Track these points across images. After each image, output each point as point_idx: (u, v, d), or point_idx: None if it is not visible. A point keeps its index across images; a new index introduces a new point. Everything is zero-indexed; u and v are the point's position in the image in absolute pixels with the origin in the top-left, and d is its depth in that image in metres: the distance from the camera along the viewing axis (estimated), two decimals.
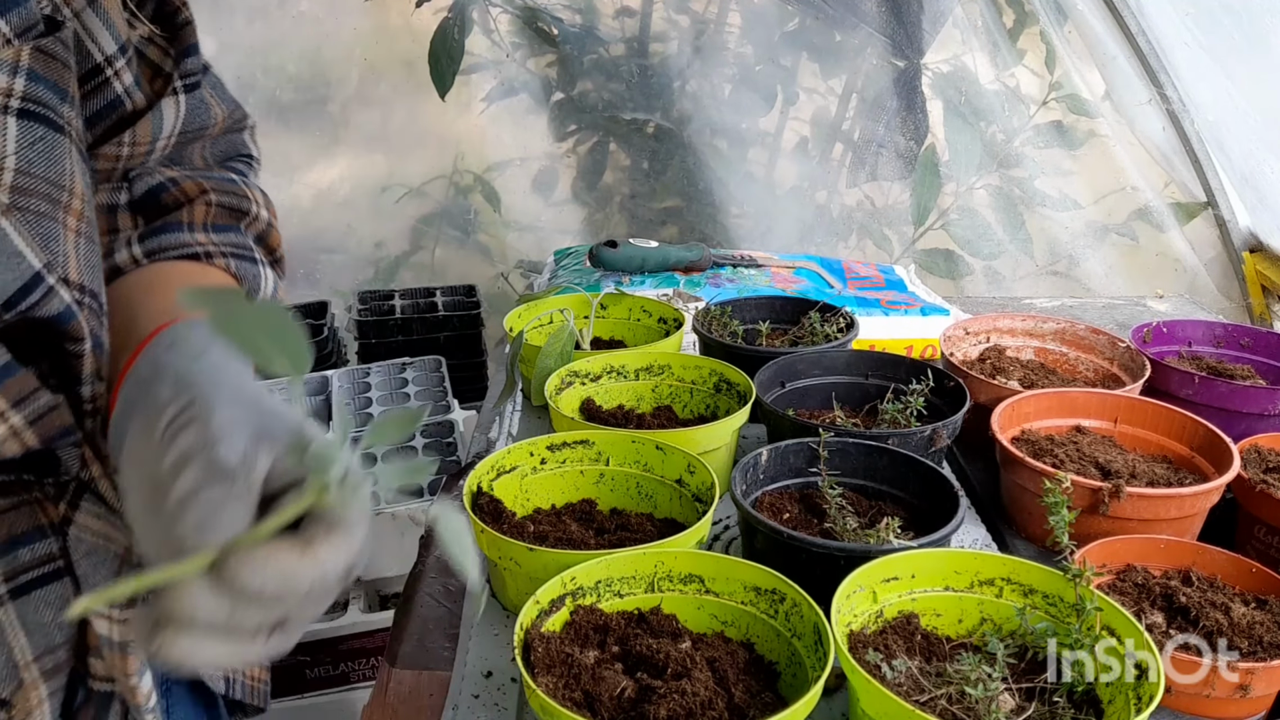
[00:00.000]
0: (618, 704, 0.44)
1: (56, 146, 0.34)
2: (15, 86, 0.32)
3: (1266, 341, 0.84)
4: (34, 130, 0.33)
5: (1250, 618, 0.51)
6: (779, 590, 0.49)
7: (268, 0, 1.32)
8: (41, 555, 0.35)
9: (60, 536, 0.35)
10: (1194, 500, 0.60)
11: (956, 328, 0.87)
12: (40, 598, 0.34)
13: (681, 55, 1.39)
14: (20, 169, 0.32)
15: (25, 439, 0.33)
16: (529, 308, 0.90)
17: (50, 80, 0.34)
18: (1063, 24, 1.26)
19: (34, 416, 0.33)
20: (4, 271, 0.32)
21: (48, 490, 0.36)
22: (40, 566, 0.34)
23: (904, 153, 1.38)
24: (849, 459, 0.63)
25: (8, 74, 0.32)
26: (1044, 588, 0.50)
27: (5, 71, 0.32)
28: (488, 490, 0.60)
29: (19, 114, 0.32)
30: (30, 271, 0.33)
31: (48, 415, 0.34)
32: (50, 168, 0.34)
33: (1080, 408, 0.72)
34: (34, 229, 0.33)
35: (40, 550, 0.35)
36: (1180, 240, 1.29)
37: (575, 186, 1.46)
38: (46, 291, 0.33)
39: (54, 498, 0.36)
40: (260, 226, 0.48)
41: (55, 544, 0.35)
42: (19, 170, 0.32)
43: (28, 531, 0.34)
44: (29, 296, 0.33)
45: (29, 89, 0.33)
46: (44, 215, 0.34)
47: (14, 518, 0.34)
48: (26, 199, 0.33)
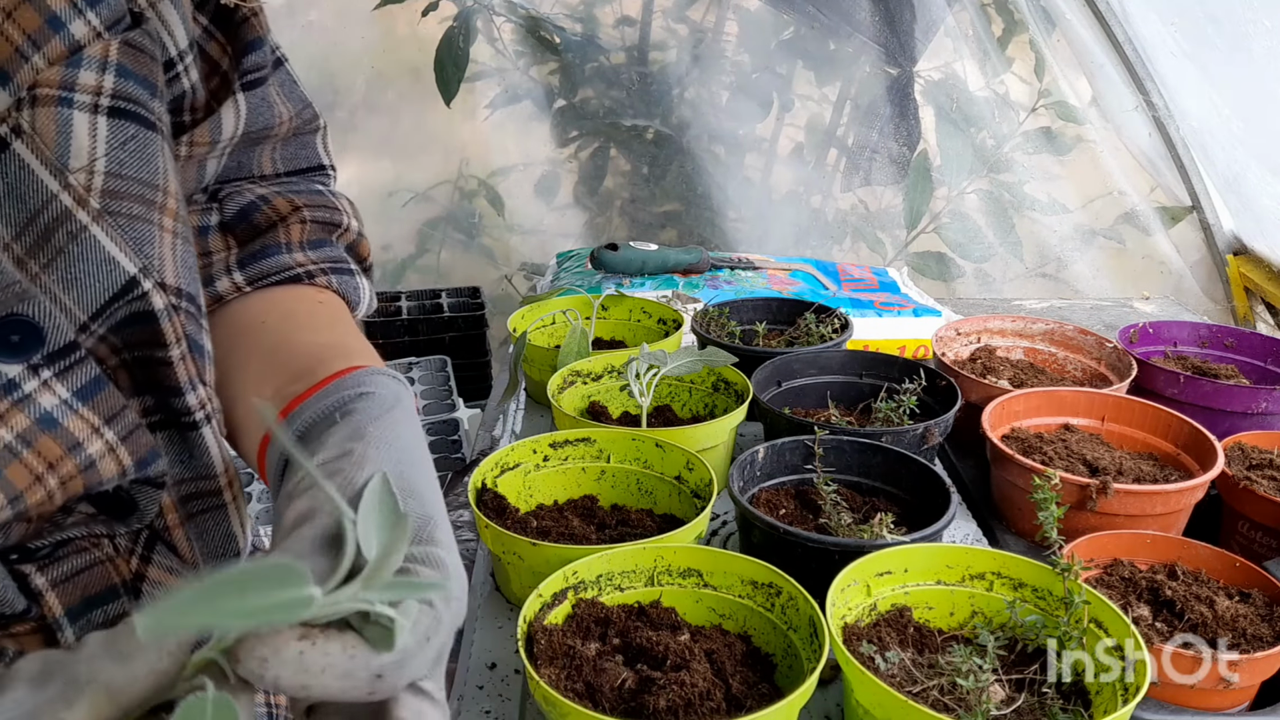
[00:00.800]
0: (618, 695, 0.45)
1: (149, 145, 0.32)
2: (105, 84, 0.30)
3: (1250, 342, 0.85)
4: (125, 129, 0.31)
5: (1234, 611, 0.52)
6: (775, 584, 0.50)
7: (277, 9, 1.33)
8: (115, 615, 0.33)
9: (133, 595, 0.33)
10: (1179, 496, 0.61)
11: (948, 328, 0.88)
12: None
13: (680, 63, 1.41)
14: (111, 171, 0.31)
15: (120, 457, 0.31)
16: (532, 309, 0.91)
17: (140, 75, 0.32)
18: (1051, 32, 1.28)
19: (124, 434, 0.32)
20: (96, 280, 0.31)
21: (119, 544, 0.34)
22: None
23: (897, 158, 1.40)
24: (843, 456, 0.64)
25: (97, 71, 0.30)
26: (1033, 582, 0.51)
27: (94, 68, 0.30)
28: (492, 486, 0.61)
29: (110, 112, 0.31)
30: (125, 277, 0.31)
31: (135, 433, 0.32)
32: (143, 167, 0.32)
33: (1069, 406, 0.74)
34: (127, 233, 0.31)
35: (113, 611, 0.33)
36: (1166, 243, 1.32)
37: (577, 191, 1.47)
38: (143, 295, 0.32)
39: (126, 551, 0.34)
40: (351, 236, 0.47)
41: (128, 603, 0.33)
42: (110, 173, 0.31)
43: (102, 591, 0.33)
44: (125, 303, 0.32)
45: (119, 85, 0.31)
46: (138, 218, 0.32)
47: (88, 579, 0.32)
48: (119, 202, 0.31)
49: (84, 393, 0.31)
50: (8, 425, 0.29)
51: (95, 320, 0.32)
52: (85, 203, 0.30)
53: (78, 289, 0.31)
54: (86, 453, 0.31)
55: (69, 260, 0.30)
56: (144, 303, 0.32)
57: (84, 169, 0.30)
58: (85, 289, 0.31)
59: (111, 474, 0.32)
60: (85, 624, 0.32)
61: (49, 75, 0.30)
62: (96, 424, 0.31)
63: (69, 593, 0.32)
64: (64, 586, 0.32)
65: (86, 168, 0.30)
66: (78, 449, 0.30)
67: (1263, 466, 0.65)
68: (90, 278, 0.31)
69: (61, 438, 0.30)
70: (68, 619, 0.32)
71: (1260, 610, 0.53)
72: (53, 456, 0.30)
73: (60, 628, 0.32)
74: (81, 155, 0.30)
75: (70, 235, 0.30)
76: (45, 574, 0.32)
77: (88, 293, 0.31)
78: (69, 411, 0.30)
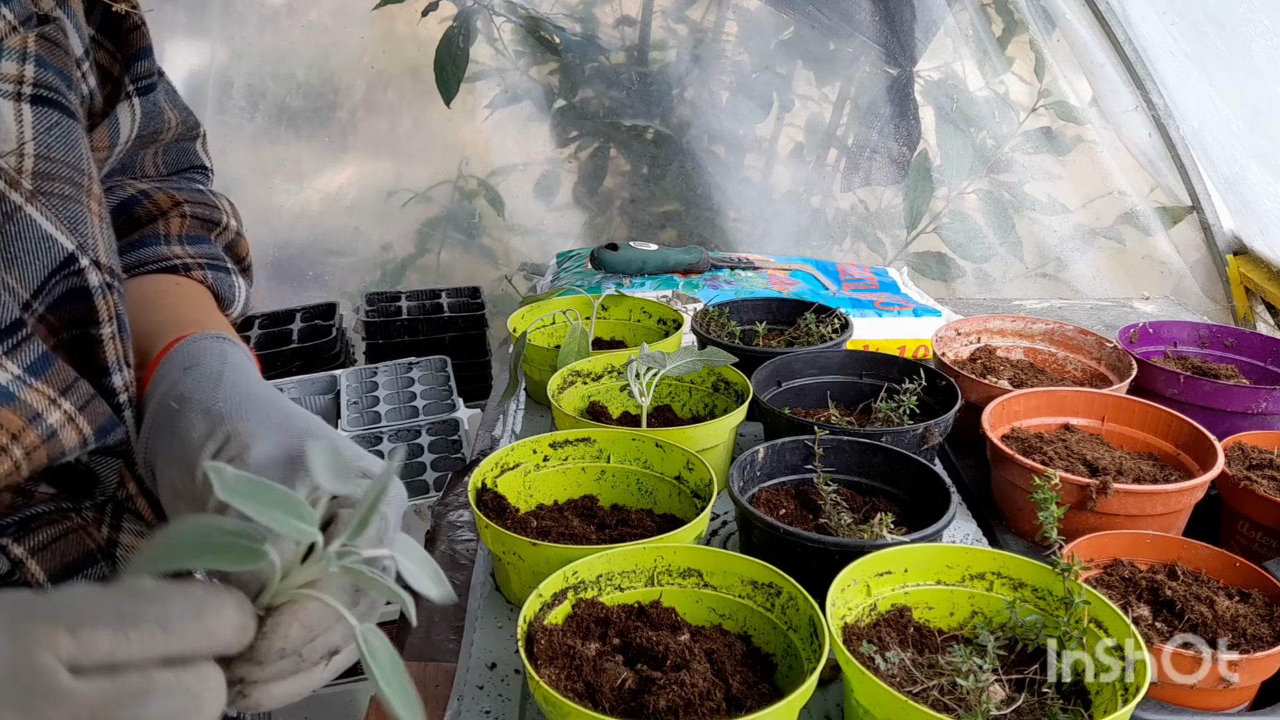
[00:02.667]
0: (618, 695, 0.45)
1: (72, 131, 0.33)
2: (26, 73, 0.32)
3: (1250, 342, 0.85)
4: (50, 115, 0.32)
5: (1234, 611, 0.52)
6: (775, 584, 0.50)
7: (278, 10, 1.34)
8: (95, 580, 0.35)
9: (109, 560, 0.35)
10: (1179, 496, 0.61)
11: (948, 328, 0.88)
12: None
13: (680, 63, 1.41)
14: (40, 154, 0.32)
15: (80, 426, 0.33)
16: (532, 309, 0.91)
17: (57, 67, 0.33)
18: (1051, 32, 1.28)
19: (81, 404, 0.33)
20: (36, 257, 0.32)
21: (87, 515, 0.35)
22: None
23: (897, 158, 1.40)
24: (843, 456, 0.64)
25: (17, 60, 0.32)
26: (1033, 582, 0.51)
27: (14, 58, 0.31)
28: (492, 486, 0.61)
29: (32, 100, 0.32)
30: (64, 253, 0.32)
31: (91, 403, 0.34)
32: (69, 152, 0.33)
33: (1069, 406, 0.74)
34: (61, 213, 0.32)
35: (94, 575, 0.34)
36: (1166, 243, 1.32)
37: (577, 191, 1.47)
38: (79, 271, 0.33)
39: (95, 521, 0.36)
40: (229, 236, 0.48)
41: (106, 568, 0.35)
42: (39, 155, 0.32)
43: (79, 558, 0.34)
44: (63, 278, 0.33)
45: (40, 75, 0.32)
46: (69, 199, 0.33)
47: (64, 546, 0.34)
48: (51, 184, 0.32)
49: (35, 368, 0.32)
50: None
51: (36, 298, 0.32)
52: (18, 184, 0.31)
53: (19, 267, 0.31)
54: (47, 423, 0.32)
55: (8, 239, 0.31)
56: (80, 279, 0.33)
57: (14, 152, 0.31)
58: (25, 266, 0.32)
59: (73, 443, 0.33)
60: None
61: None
62: (53, 395, 0.32)
63: (49, 560, 0.33)
64: (43, 554, 0.33)
65: (16, 151, 0.31)
66: (38, 419, 0.31)
67: (1263, 466, 0.65)
68: (30, 255, 0.32)
69: (21, 410, 0.31)
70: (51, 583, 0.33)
71: (1260, 610, 0.53)
72: (14, 428, 0.31)
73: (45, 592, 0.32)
74: (10, 139, 0.31)
75: (6, 215, 0.31)
76: (22, 544, 0.33)
77: (28, 270, 0.32)
78: (24, 385, 0.31)
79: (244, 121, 1.36)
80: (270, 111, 1.35)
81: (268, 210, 1.41)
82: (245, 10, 1.33)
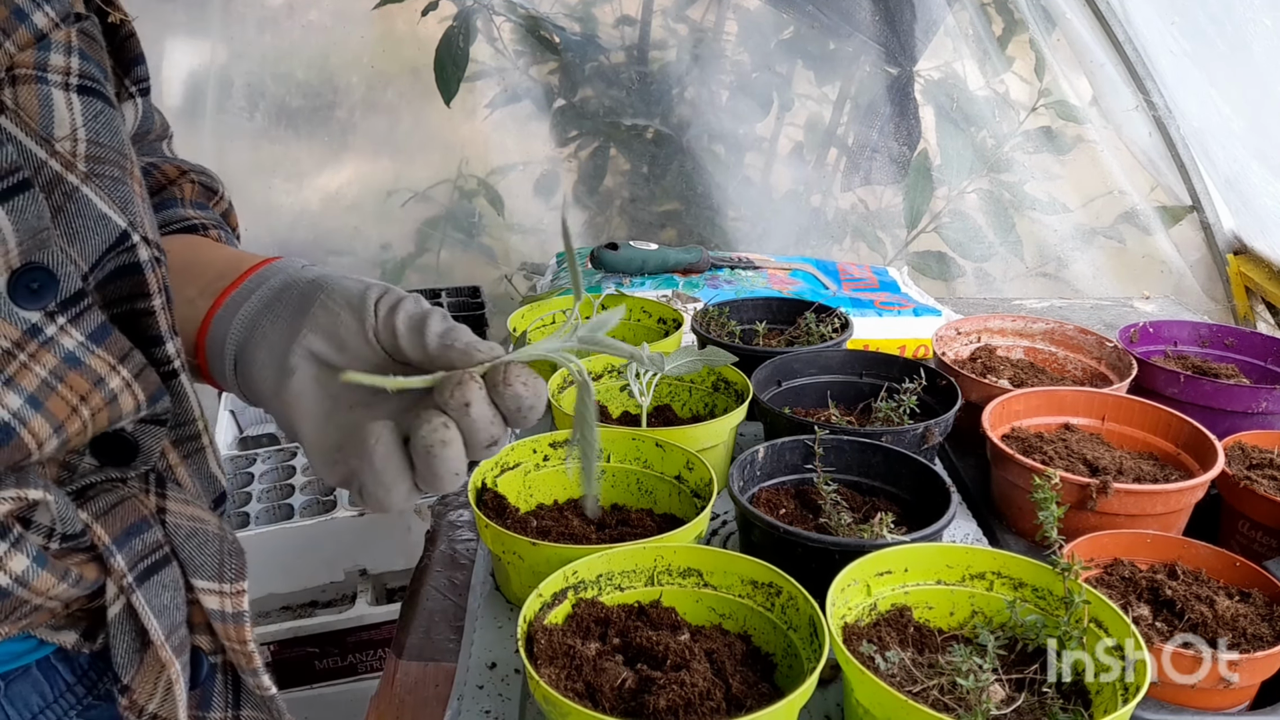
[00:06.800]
0: (618, 694, 0.45)
1: (114, 119, 0.36)
2: (72, 65, 0.34)
3: (1250, 341, 0.85)
4: (94, 104, 0.35)
5: (1234, 610, 0.52)
6: (775, 584, 0.50)
7: (277, 10, 1.34)
8: (151, 543, 0.37)
9: (161, 525, 0.38)
10: (1179, 496, 0.61)
11: (948, 328, 0.88)
12: (158, 582, 0.37)
13: (680, 63, 1.41)
14: (91, 139, 0.35)
15: (136, 393, 0.36)
16: (532, 308, 0.91)
17: (95, 60, 0.36)
18: (1051, 32, 1.28)
19: (136, 371, 0.36)
20: (94, 234, 0.34)
21: (134, 484, 0.38)
22: (153, 554, 0.37)
23: (897, 157, 1.40)
24: (843, 456, 0.64)
25: (64, 53, 0.34)
26: (1033, 581, 0.52)
27: (61, 51, 0.34)
28: (491, 486, 0.61)
29: (79, 90, 0.34)
30: (118, 231, 0.35)
31: (145, 371, 0.36)
32: (113, 138, 0.36)
33: (1069, 406, 0.74)
34: (112, 193, 0.35)
35: (149, 538, 0.37)
36: (1166, 243, 1.32)
37: (577, 190, 1.47)
38: (131, 248, 0.36)
39: (143, 490, 0.38)
40: (224, 205, 0.52)
41: (159, 532, 0.38)
42: (90, 140, 0.34)
43: (136, 523, 0.37)
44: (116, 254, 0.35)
45: (83, 67, 0.35)
46: (118, 180, 0.36)
47: (122, 511, 0.37)
48: (102, 166, 0.35)
49: (95, 336, 0.34)
50: (41, 363, 0.33)
51: (92, 271, 0.35)
52: (73, 167, 0.34)
53: (79, 242, 0.34)
54: (109, 387, 0.35)
55: (68, 217, 0.34)
56: (132, 254, 0.36)
57: (68, 137, 0.34)
58: (85, 242, 0.34)
59: (130, 408, 0.36)
60: (129, 551, 0.36)
61: (23, 58, 0.33)
62: (113, 362, 0.35)
63: (111, 524, 0.36)
64: (106, 519, 0.36)
65: (70, 136, 0.34)
66: (101, 384, 0.35)
67: (1263, 466, 0.65)
68: (89, 232, 0.34)
69: (86, 374, 0.34)
70: (115, 546, 0.36)
71: (1260, 610, 0.53)
72: (82, 390, 0.34)
73: (111, 554, 0.35)
74: (64, 125, 0.34)
75: (66, 195, 0.34)
76: (86, 509, 0.36)
77: (87, 245, 0.34)
78: (88, 352, 0.34)
79: (244, 121, 1.36)
80: (270, 111, 1.35)
81: (267, 209, 1.41)
82: (245, 10, 1.33)
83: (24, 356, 0.32)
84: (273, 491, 1.06)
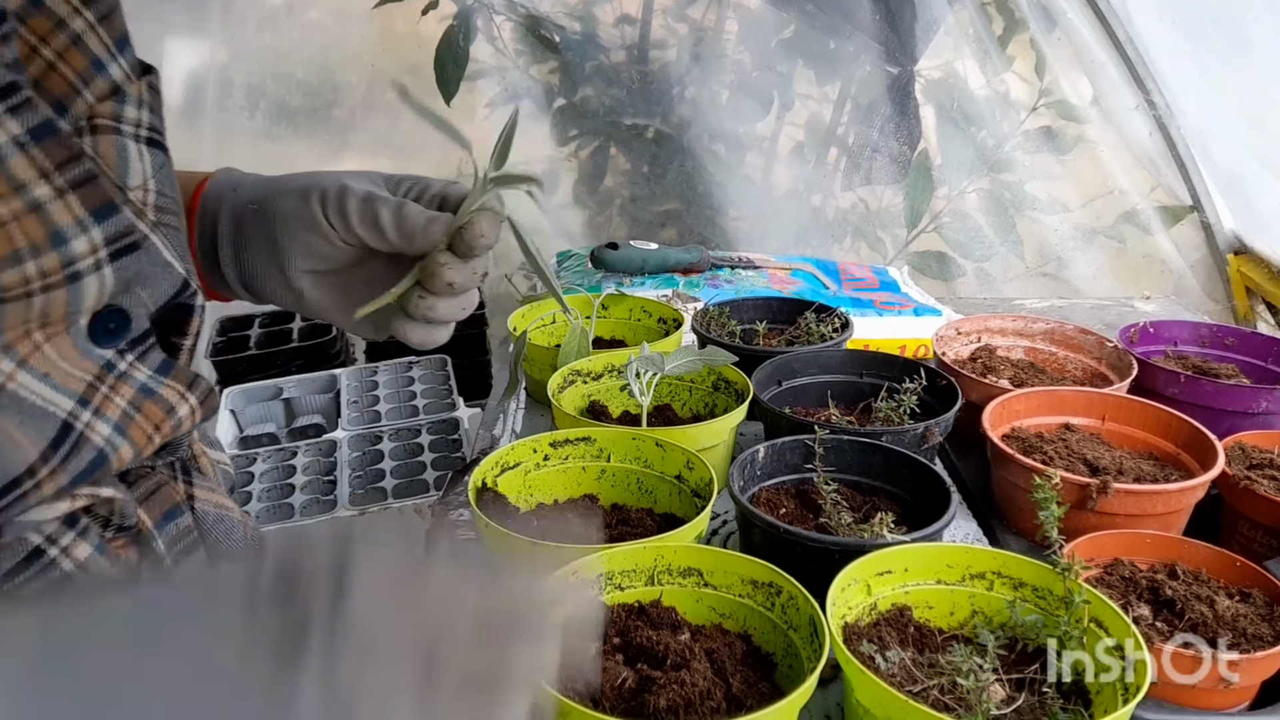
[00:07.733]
0: (619, 694, 0.45)
1: (172, 172, 0.39)
2: (143, 118, 0.37)
3: (1250, 342, 0.85)
4: (159, 156, 0.38)
5: (1234, 610, 0.52)
6: (776, 583, 0.50)
7: (277, 9, 1.34)
8: (184, 528, 0.40)
9: (191, 511, 0.41)
10: (1180, 496, 0.61)
11: (948, 328, 0.88)
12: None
13: (680, 62, 1.40)
14: (159, 190, 0.37)
15: (197, 416, 0.39)
16: (532, 308, 0.91)
17: (159, 114, 0.39)
18: (1051, 31, 1.28)
19: (202, 397, 0.39)
20: (162, 280, 0.37)
21: (164, 473, 0.41)
22: (185, 538, 0.40)
23: (897, 157, 1.40)
24: (844, 455, 0.64)
25: (136, 107, 0.37)
26: (1034, 581, 0.52)
27: (134, 105, 0.37)
28: (492, 486, 0.61)
29: (147, 142, 0.37)
30: (180, 279, 0.38)
31: (210, 396, 0.40)
32: (173, 189, 0.39)
33: (1069, 406, 0.74)
34: (174, 243, 0.38)
35: (183, 523, 0.40)
36: (1166, 243, 1.31)
37: (577, 190, 1.47)
38: (192, 294, 0.39)
39: (172, 478, 0.41)
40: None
41: (190, 518, 0.40)
42: (158, 191, 0.37)
43: (171, 509, 0.40)
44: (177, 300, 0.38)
45: (151, 120, 0.38)
46: (177, 230, 0.39)
47: (159, 497, 0.39)
48: (165, 216, 0.38)
49: (161, 369, 0.38)
50: (121, 395, 0.36)
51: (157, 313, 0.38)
52: (144, 215, 0.36)
53: (150, 286, 0.37)
54: (178, 415, 0.38)
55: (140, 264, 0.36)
56: (190, 300, 0.39)
57: (140, 187, 0.37)
58: (155, 287, 0.37)
59: (189, 426, 0.40)
60: (166, 535, 0.39)
61: (103, 109, 0.35)
62: (181, 390, 0.38)
63: (151, 509, 0.39)
64: (147, 504, 0.39)
65: (142, 186, 0.37)
66: (172, 412, 0.38)
67: (1263, 466, 0.65)
68: (158, 278, 0.37)
69: (160, 403, 0.37)
70: (156, 530, 0.39)
71: (1260, 610, 0.53)
72: (156, 419, 0.37)
73: (152, 538, 0.38)
74: (137, 176, 0.37)
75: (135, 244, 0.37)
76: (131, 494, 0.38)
77: (158, 289, 0.38)
78: (159, 383, 0.37)
79: (244, 120, 1.36)
80: (270, 110, 1.35)
81: None
82: (245, 10, 1.33)
83: (105, 389, 0.35)
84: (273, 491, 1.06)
